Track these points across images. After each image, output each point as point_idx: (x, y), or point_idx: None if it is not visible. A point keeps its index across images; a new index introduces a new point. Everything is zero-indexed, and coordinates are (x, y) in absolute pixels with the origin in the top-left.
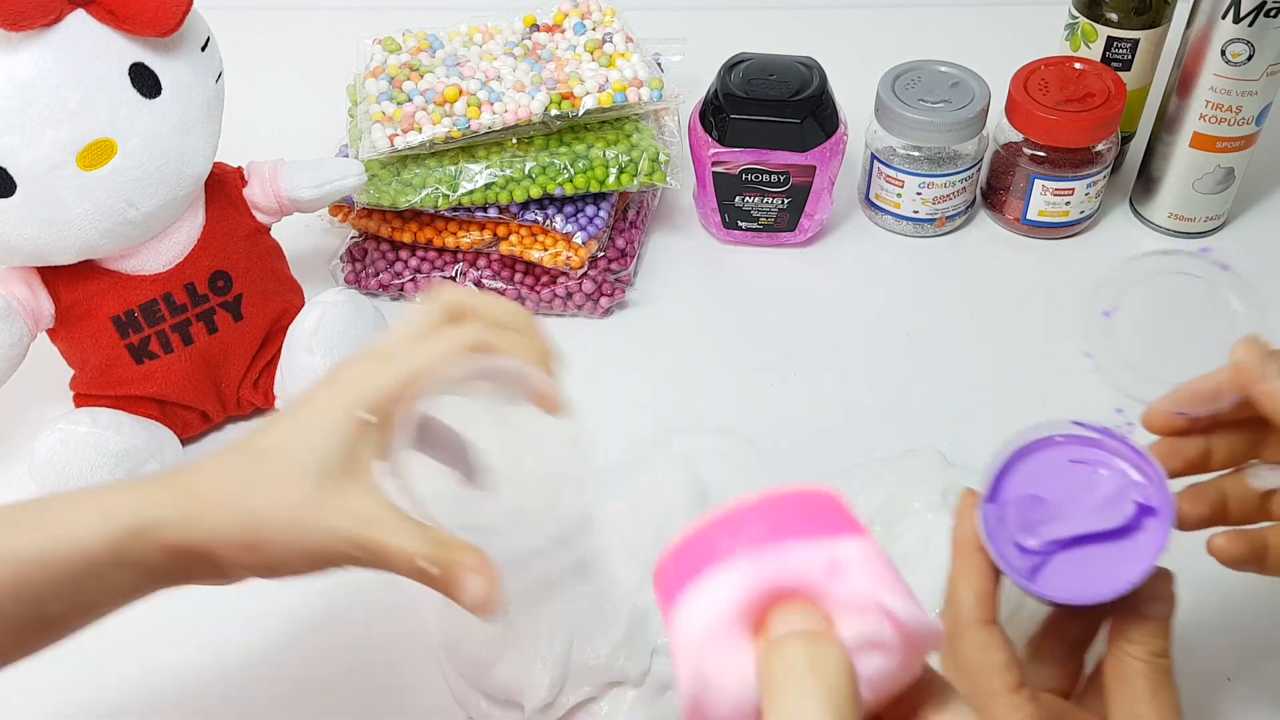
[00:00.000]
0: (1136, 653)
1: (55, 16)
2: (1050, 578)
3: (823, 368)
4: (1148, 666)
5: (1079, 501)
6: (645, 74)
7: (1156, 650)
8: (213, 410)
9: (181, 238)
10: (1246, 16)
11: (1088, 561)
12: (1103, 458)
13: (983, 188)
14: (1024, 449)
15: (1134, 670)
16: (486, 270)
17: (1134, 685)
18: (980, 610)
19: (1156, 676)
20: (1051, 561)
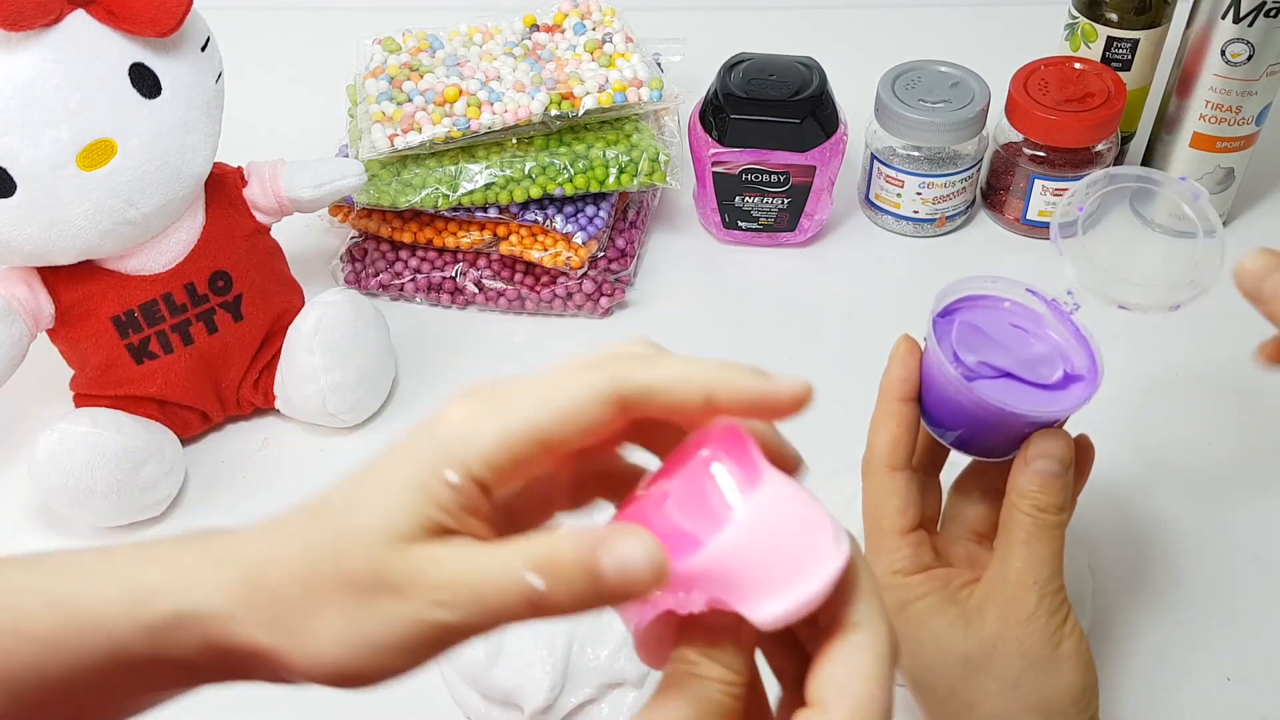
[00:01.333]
0: (1021, 505)
1: (55, 16)
2: (978, 390)
3: (822, 368)
4: (1028, 519)
5: (1015, 351)
6: (645, 74)
7: (1041, 505)
8: (213, 410)
9: (181, 238)
10: (1246, 16)
11: (1012, 393)
12: (1043, 330)
13: (983, 188)
14: (976, 296)
15: (1016, 521)
16: (486, 270)
17: (1012, 534)
18: (890, 456)
19: (1035, 528)
20: (979, 383)
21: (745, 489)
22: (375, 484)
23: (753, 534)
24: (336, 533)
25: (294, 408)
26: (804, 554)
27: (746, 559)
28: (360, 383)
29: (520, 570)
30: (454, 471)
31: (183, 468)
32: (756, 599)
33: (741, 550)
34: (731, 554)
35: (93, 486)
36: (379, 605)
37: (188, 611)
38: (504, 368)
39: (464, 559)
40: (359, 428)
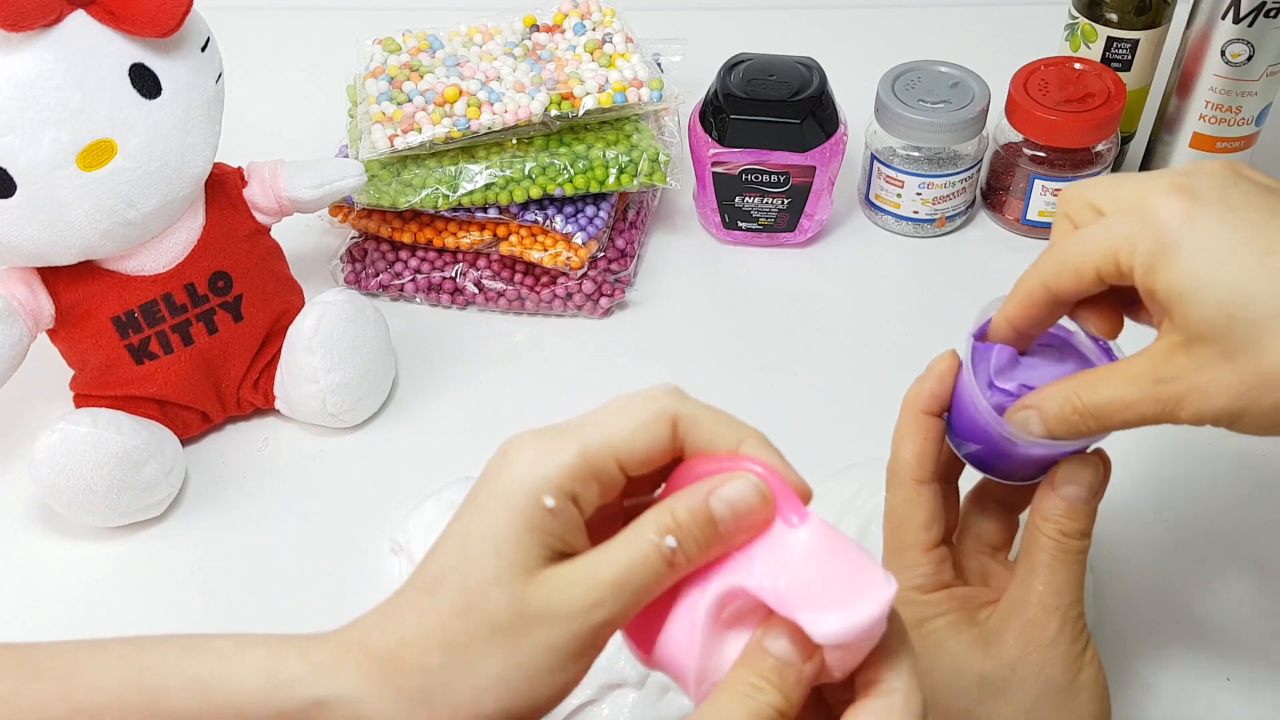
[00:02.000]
0: (1046, 529)
1: (55, 17)
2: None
3: (822, 368)
4: (1052, 543)
5: (1048, 370)
6: (645, 74)
7: (1066, 530)
8: (213, 411)
9: (181, 238)
10: (1246, 17)
11: None
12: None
13: (983, 188)
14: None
15: (1039, 544)
16: (486, 271)
17: (1035, 557)
18: (918, 469)
19: (1058, 553)
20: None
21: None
22: (475, 539)
23: (818, 549)
24: (461, 591)
25: (294, 408)
26: (860, 578)
27: (810, 572)
28: (360, 383)
29: (650, 541)
30: (550, 496)
31: (183, 468)
32: (817, 613)
33: (807, 562)
34: (799, 563)
35: (93, 486)
36: (533, 635)
37: (326, 698)
38: (504, 368)
39: (593, 562)
40: (359, 428)
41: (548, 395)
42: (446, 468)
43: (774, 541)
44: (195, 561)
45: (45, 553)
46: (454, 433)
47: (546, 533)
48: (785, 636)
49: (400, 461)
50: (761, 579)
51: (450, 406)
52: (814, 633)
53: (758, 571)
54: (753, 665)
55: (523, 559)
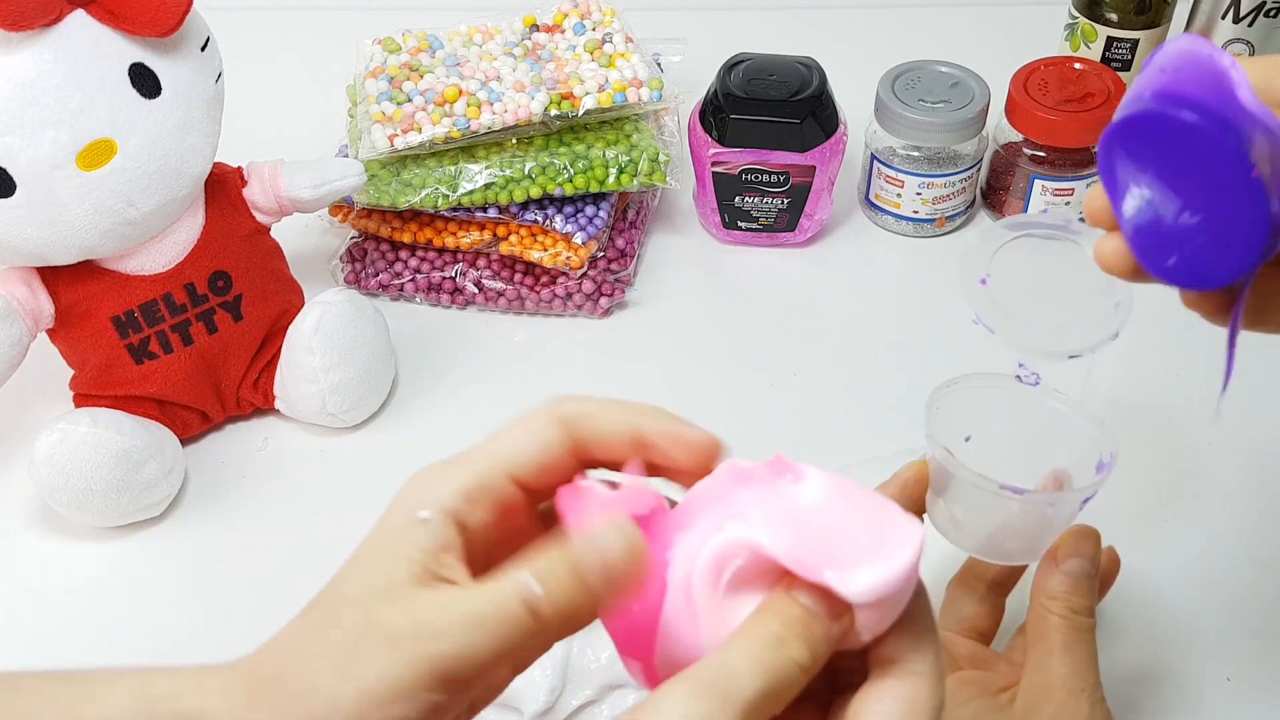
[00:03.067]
0: (1054, 607)
1: (55, 16)
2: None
3: (822, 368)
4: (1064, 622)
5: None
6: (645, 74)
7: (1075, 607)
8: (212, 410)
9: (181, 238)
10: (1246, 16)
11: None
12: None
13: (982, 188)
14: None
15: (1050, 624)
16: (486, 270)
17: (1049, 639)
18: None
19: (1071, 632)
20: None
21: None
22: (360, 555)
23: (830, 500)
24: (328, 605)
25: (294, 408)
26: (883, 525)
27: (826, 526)
28: (360, 382)
29: (513, 581)
30: (425, 510)
31: (182, 468)
32: (845, 570)
33: (820, 516)
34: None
35: (93, 486)
36: (371, 656)
37: (192, 711)
38: (504, 368)
39: (454, 590)
40: (359, 427)
41: (548, 395)
42: None
43: (775, 499)
44: (195, 561)
45: (45, 553)
46: (454, 433)
47: (417, 549)
48: (811, 592)
49: (400, 461)
50: (770, 537)
51: (450, 406)
52: (846, 591)
53: (762, 530)
54: (777, 613)
55: (386, 577)
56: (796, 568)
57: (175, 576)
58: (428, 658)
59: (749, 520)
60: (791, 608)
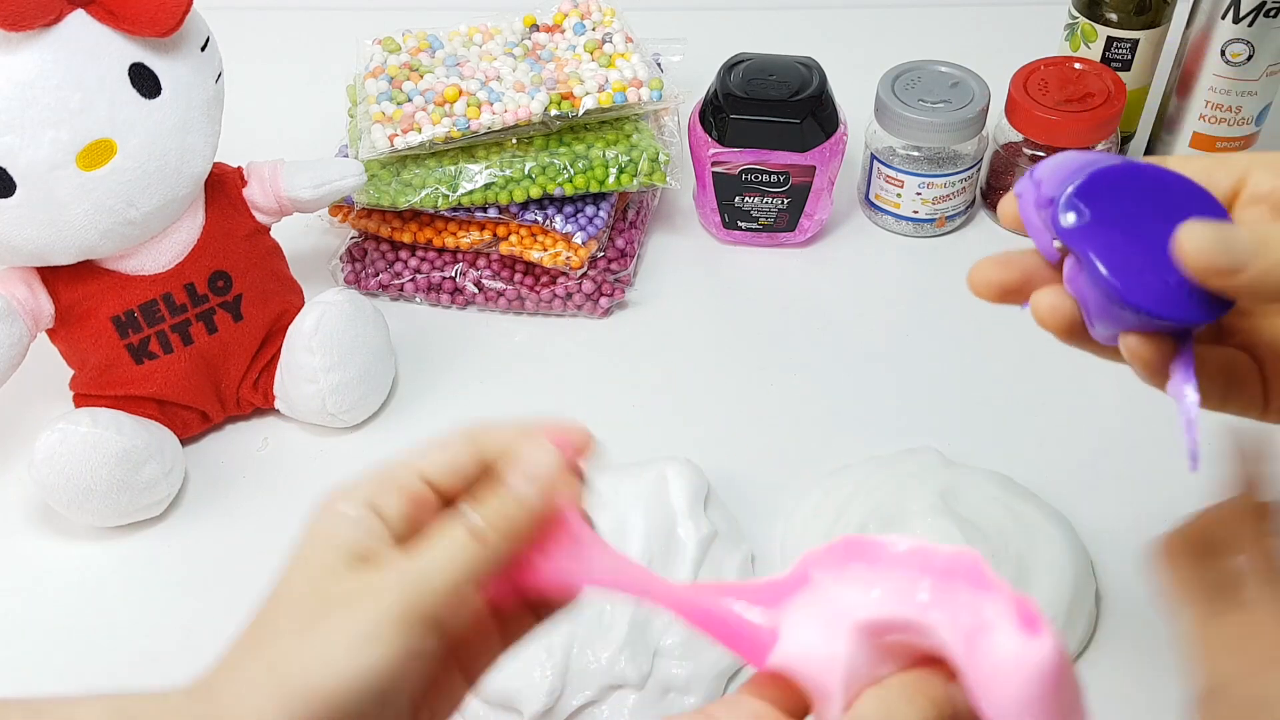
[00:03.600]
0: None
1: (55, 16)
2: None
3: (822, 367)
4: None
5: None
6: (645, 74)
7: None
8: (212, 410)
9: (181, 238)
10: (1246, 16)
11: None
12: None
13: (983, 188)
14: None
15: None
16: (486, 270)
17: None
18: None
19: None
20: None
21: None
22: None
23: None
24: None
25: (294, 408)
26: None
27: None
28: (360, 382)
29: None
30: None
31: (182, 468)
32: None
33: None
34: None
35: (93, 486)
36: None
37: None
38: (504, 368)
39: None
40: (359, 428)
41: (548, 395)
42: None
43: (997, 631)
44: (195, 561)
45: (45, 553)
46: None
47: (343, 537)
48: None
49: None
50: (977, 668)
51: (450, 406)
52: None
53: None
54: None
55: (328, 564)
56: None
57: (175, 576)
58: (394, 596)
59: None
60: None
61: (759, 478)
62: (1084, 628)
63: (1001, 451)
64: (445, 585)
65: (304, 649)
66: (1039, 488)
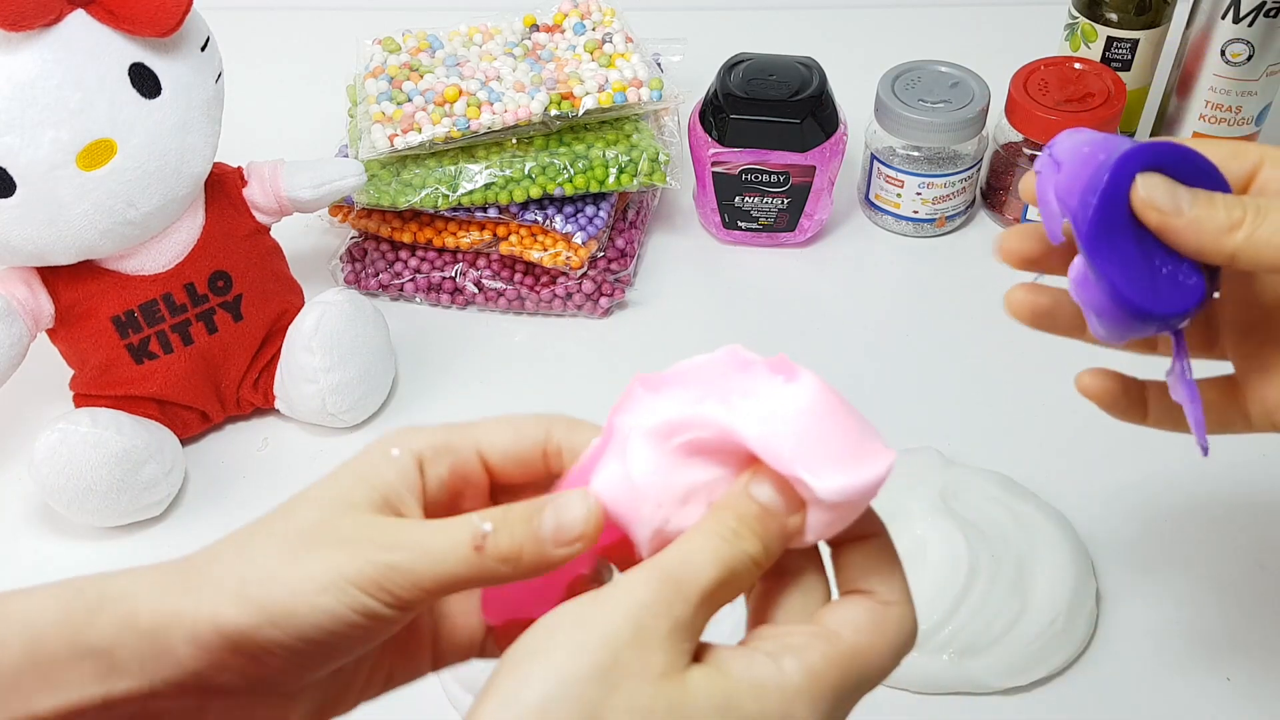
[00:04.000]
0: None
1: (55, 16)
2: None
3: (822, 367)
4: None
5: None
6: (645, 74)
7: None
8: (212, 410)
9: (181, 238)
10: (1246, 16)
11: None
12: None
13: (982, 188)
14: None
15: None
16: (486, 270)
17: None
18: None
19: None
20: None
21: (790, 368)
22: (329, 477)
23: (817, 404)
24: (285, 509)
25: (294, 408)
26: (860, 440)
27: (808, 426)
28: (360, 382)
29: (466, 520)
30: (397, 449)
31: (183, 468)
32: (817, 469)
33: (805, 415)
34: (797, 415)
35: (93, 486)
36: (318, 546)
37: (114, 593)
38: (504, 368)
39: (408, 520)
40: (359, 428)
41: (547, 395)
42: None
43: (765, 392)
44: None
45: (45, 553)
46: None
47: (383, 480)
48: (771, 485)
49: None
50: (750, 427)
51: (450, 406)
52: (817, 487)
53: (744, 418)
54: (734, 508)
55: (348, 496)
56: (770, 458)
57: None
58: (373, 561)
59: (731, 405)
60: (749, 504)
61: None
62: (1084, 628)
63: (1001, 451)
64: (427, 576)
65: (279, 572)
66: (1039, 488)
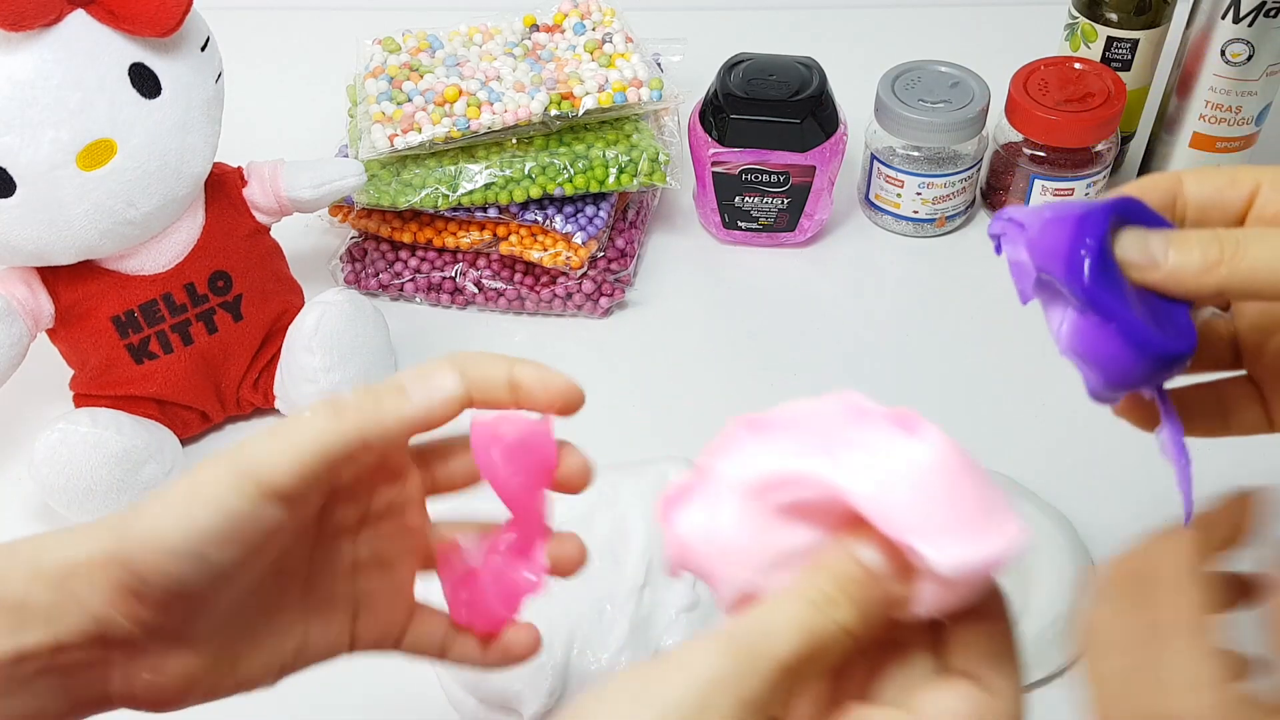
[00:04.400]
0: None
1: (55, 16)
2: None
3: (822, 367)
4: None
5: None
6: (645, 74)
7: None
8: (212, 410)
9: (181, 238)
10: (1246, 16)
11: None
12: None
13: (982, 188)
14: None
15: None
16: (486, 270)
17: None
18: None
19: None
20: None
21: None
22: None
23: (943, 466)
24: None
25: (294, 408)
26: (986, 510)
27: (930, 491)
28: (360, 382)
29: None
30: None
31: (182, 468)
32: (935, 538)
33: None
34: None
35: (93, 486)
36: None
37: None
38: None
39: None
40: None
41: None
42: None
43: (875, 444)
44: None
45: None
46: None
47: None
48: (877, 548)
49: None
50: (857, 482)
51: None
52: (932, 558)
53: (854, 477)
54: (831, 570)
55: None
56: (881, 522)
57: None
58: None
59: (839, 460)
60: (849, 566)
61: None
62: None
63: (1001, 451)
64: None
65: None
66: (1039, 488)
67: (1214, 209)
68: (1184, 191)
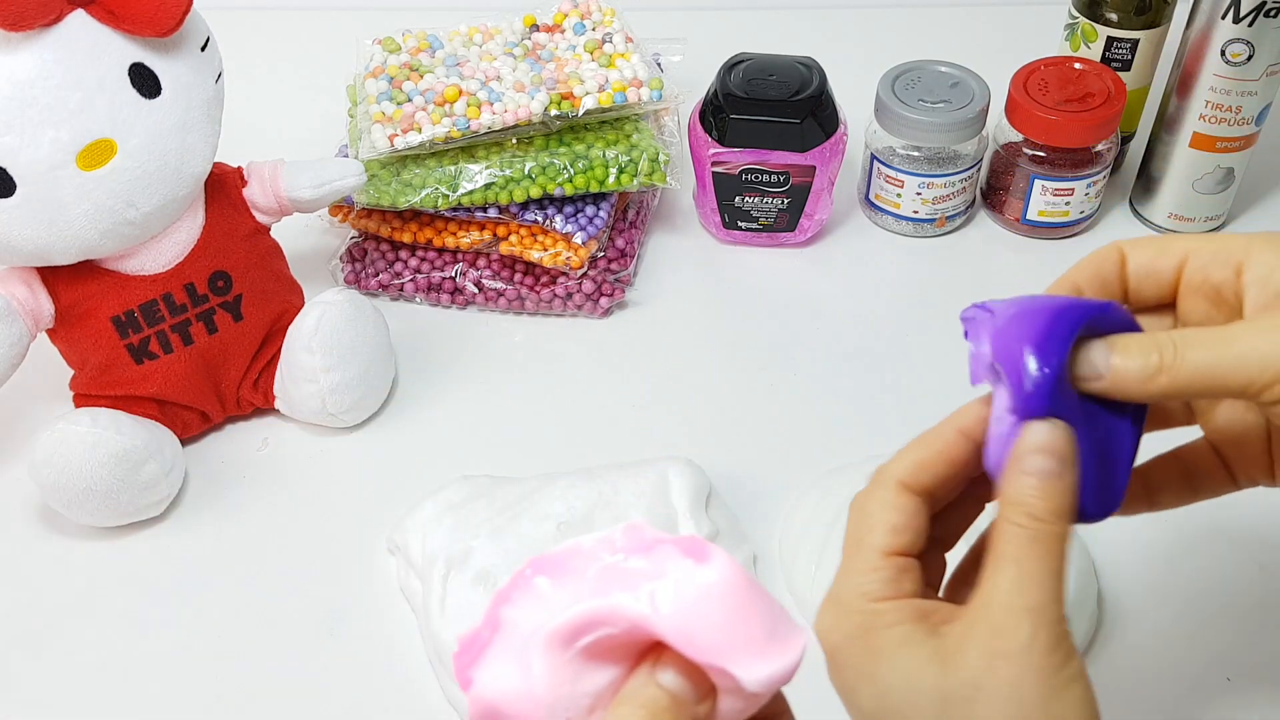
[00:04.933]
0: (1014, 515)
1: (55, 16)
2: None
3: (822, 368)
4: (1020, 531)
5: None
6: (645, 74)
7: (1036, 512)
8: (212, 410)
9: (181, 238)
10: (1246, 16)
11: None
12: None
13: (982, 188)
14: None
15: (1005, 534)
16: (486, 270)
17: (1001, 550)
18: (913, 474)
19: (1027, 541)
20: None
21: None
22: None
23: (733, 588)
24: None
25: (294, 408)
26: (775, 624)
27: (725, 613)
28: (360, 383)
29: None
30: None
31: (182, 468)
32: (740, 658)
33: (722, 601)
34: (714, 601)
35: (92, 486)
36: None
37: None
38: (504, 368)
39: None
40: (359, 428)
41: (547, 395)
42: (445, 468)
43: (669, 572)
44: (195, 561)
45: (45, 553)
46: (453, 433)
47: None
48: (678, 672)
49: (399, 461)
50: (662, 614)
51: (450, 406)
52: (743, 678)
53: (651, 603)
54: (637, 701)
55: None
56: (689, 649)
57: (175, 577)
58: None
59: (639, 592)
60: (655, 693)
61: (760, 477)
62: (1085, 628)
63: None
64: None
65: None
66: None
67: (1148, 279)
68: (1127, 261)
